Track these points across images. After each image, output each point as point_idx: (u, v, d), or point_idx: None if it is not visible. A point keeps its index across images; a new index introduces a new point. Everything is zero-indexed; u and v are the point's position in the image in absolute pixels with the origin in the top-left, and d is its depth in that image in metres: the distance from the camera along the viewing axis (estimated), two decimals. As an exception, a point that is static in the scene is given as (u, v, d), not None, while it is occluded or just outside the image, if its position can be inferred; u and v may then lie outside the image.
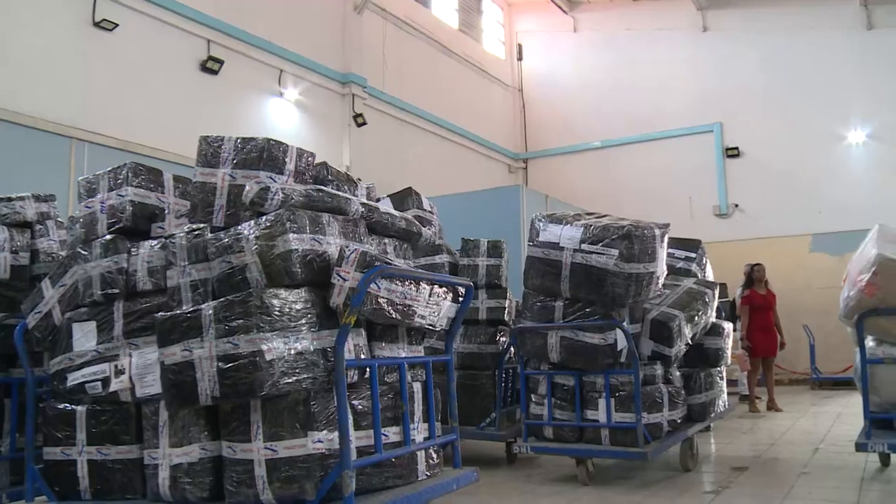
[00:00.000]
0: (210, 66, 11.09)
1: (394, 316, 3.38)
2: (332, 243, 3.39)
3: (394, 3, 15.28)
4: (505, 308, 6.71)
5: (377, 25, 14.79)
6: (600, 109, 18.14)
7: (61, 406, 3.79)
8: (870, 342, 5.43)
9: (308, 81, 13.02)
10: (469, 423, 6.26)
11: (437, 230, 6.28)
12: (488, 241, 6.73)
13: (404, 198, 6.02)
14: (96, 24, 9.62)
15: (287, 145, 3.73)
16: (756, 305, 10.38)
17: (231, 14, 11.49)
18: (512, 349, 6.38)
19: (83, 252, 3.93)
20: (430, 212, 6.17)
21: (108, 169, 4.02)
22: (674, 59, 17.40)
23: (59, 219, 5.13)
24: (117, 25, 9.78)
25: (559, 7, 18.60)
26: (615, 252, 5.23)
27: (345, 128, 13.69)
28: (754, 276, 10.60)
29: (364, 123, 13.76)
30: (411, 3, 16.01)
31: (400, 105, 15.09)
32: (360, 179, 4.32)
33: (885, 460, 5.80)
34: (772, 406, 10.22)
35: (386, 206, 5.52)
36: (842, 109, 15.38)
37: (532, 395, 5.84)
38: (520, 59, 19.80)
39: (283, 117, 12.54)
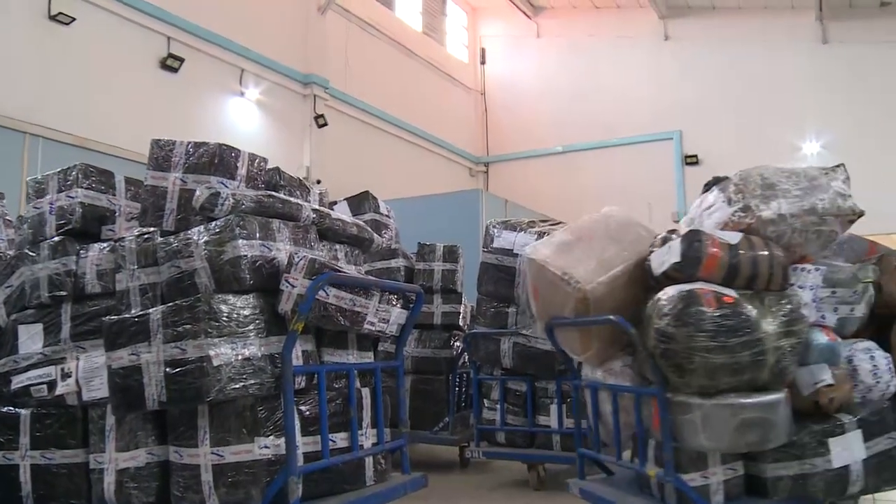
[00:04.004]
0: (170, 63, 10.95)
1: (342, 322, 3.40)
2: (281, 249, 3.40)
3: (357, 5, 15.24)
4: (460, 313, 6.75)
5: (340, 26, 14.74)
6: (562, 115, 18.26)
7: (4, 409, 3.72)
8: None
9: (269, 81, 12.93)
10: (422, 428, 6.28)
11: (393, 234, 6.30)
12: (444, 246, 6.76)
13: (361, 201, 6.04)
14: (52, 18, 9.45)
15: (239, 150, 3.73)
16: None
17: (192, 11, 11.36)
18: (466, 354, 6.41)
19: (31, 253, 3.88)
20: (387, 215, 6.19)
21: (58, 170, 3.96)
22: (635, 67, 17.59)
23: (7, 216, 5.03)
24: (74, 19, 9.62)
25: (523, 12, 18.73)
26: (568, 260, 5.28)
27: (306, 129, 13.62)
28: None
29: (325, 125, 13.70)
30: (375, 5, 15.99)
31: (362, 107, 15.05)
32: (319, 181, 4.33)
33: None
34: None
35: (342, 210, 5.53)
36: (797, 120, 15.67)
37: (485, 400, 5.87)
38: (483, 63, 19.86)
39: (243, 117, 12.44)
